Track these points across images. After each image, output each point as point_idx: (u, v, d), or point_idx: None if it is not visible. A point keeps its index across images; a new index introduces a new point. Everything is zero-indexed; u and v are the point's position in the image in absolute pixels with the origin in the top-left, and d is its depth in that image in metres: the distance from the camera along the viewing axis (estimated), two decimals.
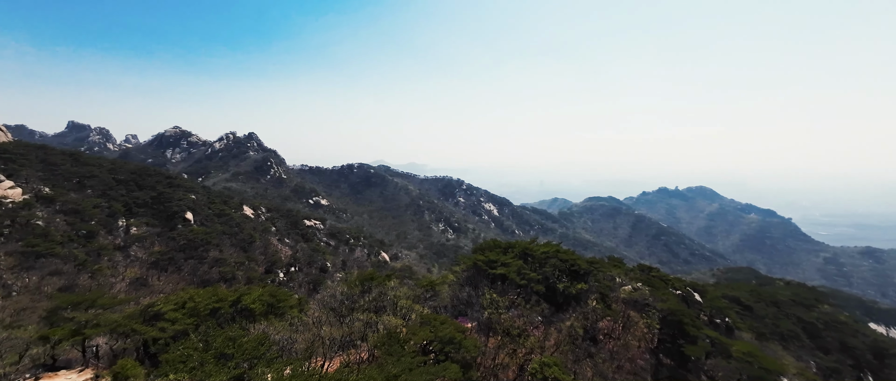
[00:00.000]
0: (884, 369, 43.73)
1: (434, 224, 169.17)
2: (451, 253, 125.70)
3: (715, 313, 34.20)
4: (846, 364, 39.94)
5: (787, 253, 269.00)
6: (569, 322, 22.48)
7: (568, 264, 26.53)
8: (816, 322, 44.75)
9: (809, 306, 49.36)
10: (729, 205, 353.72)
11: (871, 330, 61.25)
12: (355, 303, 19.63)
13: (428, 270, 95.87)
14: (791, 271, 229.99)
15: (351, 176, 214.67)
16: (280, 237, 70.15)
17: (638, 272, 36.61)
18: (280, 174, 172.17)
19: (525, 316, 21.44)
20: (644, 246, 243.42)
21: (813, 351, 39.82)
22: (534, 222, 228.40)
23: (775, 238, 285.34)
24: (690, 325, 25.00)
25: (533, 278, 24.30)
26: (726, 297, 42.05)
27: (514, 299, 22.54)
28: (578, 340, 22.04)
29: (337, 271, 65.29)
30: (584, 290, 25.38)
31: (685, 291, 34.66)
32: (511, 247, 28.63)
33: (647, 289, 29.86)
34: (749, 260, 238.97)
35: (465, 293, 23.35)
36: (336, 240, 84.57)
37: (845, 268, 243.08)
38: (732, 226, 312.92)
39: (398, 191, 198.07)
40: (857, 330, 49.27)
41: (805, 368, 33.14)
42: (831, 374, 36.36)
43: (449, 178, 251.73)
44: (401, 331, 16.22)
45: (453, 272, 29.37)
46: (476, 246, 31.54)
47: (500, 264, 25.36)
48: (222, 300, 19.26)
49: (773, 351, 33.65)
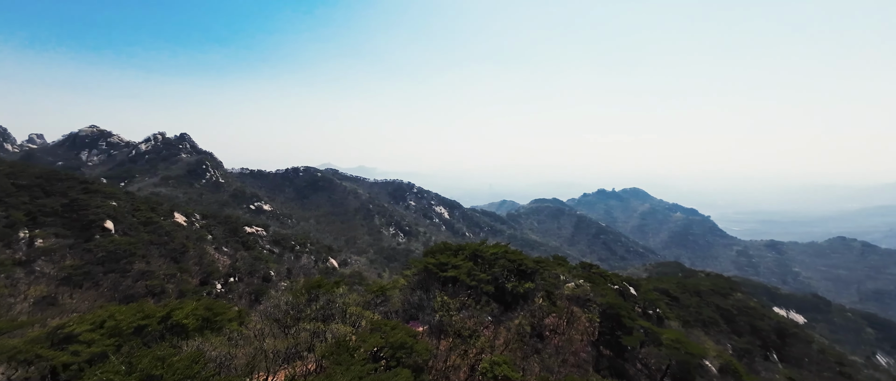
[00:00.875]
0: (785, 346, 49.92)
1: (385, 228, 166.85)
2: (402, 257, 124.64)
3: (647, 304, 37.01)
4: (756, 345, 45.06)
5: (707, 248, 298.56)
6: (517, 321, 23.21)
7: (516, 264, 27.41)
8: (731, 309, 50.02)
9: (725, 295, 55.04)
10: (658, 205, 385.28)
11: (774, 314, 69.59)
12: (301, 312, 18.81)
13: (379, 275, 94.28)
14: (710, 263, 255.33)
15: (296, 180, 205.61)
16: (217, 246, 65.41)
17: (580, 270, 38.69)
18: (217, 178, 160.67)
19: (476, 317, 21.82)
20: (585, 245, 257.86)
21: (729, 335, 44.48)
22: (484, 224, 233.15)
23: (697, 234, 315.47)
24: (627, 317, 26.86)
25: (483, 279, 24.80)
26: (657, 289, 45.65)
27: (464, 301, 22.84)
28: (526, 337, 22.81)
29: (281, 280, 62.13)
30: (531, 289, 26.34)
31: (622, 285, 37.16)
32: (462, 249, 29.01)
33: (589, 285, 31.65)
34: (676, 255, 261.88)
35: (417, 297, 23.29)
36: (280, 247, 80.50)
37: (754, 259, 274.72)
38: (661, 224, 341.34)
39: (347, 195, 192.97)
40: (764, 314, 55.75)
41: (723, 350, 36.90)
42: (744, 354, 40.82)
43: (400, 181, 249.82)
44: (350, 339, 15.81)
45: (404, 276, 29.17)
46: (427, 249, 31.60)
47: (451, 266, 25.60)
48: (149, 317, 17.56)
49: (697, 337, 37.13)
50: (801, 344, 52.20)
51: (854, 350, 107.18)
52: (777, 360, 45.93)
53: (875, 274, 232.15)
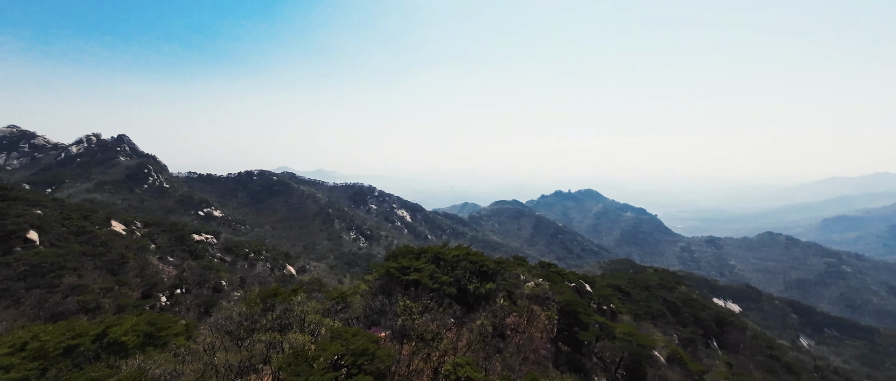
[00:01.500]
0: (723, 334, 54.09)
1: (345, 233, 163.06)
2: (363, 262, 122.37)
3: (602, 300, 38.77)
4: (698, 334, 48.51)
5: (655, 245, 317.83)
6: (479, 321, 23.50)
7: (478, 266, 27.76)
8: (677, 301, 53.52)
9: (671, 288, 58.79)
10: (611, 205, 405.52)
11: (714, 304, 75.25)
12: (256, 323, 17.93)
13: (339, 281, 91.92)
14: (658, 259, 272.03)
15: (250, 184, 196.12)
16: (161, 256, 60.92)
17: (539, 269, 39.84)
18: (161, 183, 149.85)
19: (438, 319, 21.84)
20: (544, 244, 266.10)
21: (675, 325, 47.55)
22: (446, 227, 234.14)
23: (646, 232, 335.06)
24: (583, 313, 27.99)
25: (445, 282, 24.88)
26: (611, 285, 47.95)
27: (427, 304, 22.81)
28: (488, 337, 23.14)
29: (234, 290, 58.91)
30: (492, 289, 26.77)
31: (578, 283, 38.68)
32: (424, 252, 28.97)
33: (548, 284, 32.67)
34: (627, 252, 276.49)
35: (379, 302, 22.95)
36: (233, 255, 76.36)
37: (695, 255, 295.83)
38: (614, 223, 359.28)
39: (305, 199, 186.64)
40: (705, 305, 60.13)
41: (670, 340, 39.39)
42: (688, 343, 43.81)
43: (360, 184, 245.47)
44: (309, 348, 15.29)
45: (366, 281, 28.65)
46: (389, 253, 31.26)
47: (413, 269, 25.48)
48: (82, 336, 16.03)
49: (647, 329, 39.37)
50: (736, 331, 56.79)
51: (781, 334, 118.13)
52: (717, 347, 49.71)
53: (797, 265, 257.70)
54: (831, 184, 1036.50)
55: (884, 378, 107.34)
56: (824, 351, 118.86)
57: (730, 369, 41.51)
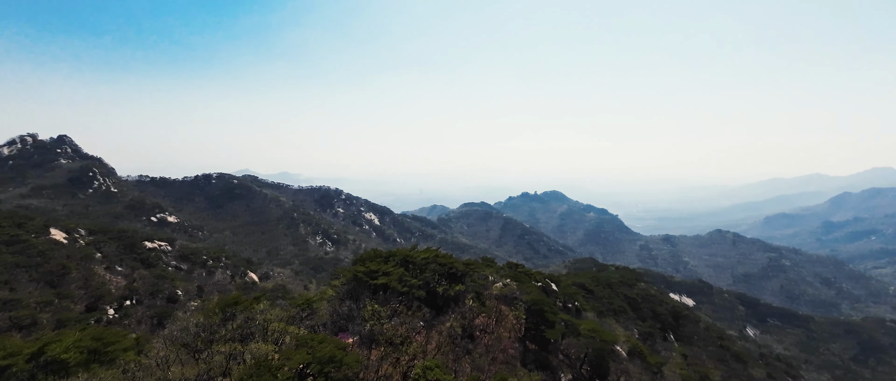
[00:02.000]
0: (679, 327, 57.03)
1: (311, 237, 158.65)
2: (330, 267, 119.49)
3: (567, 298, 39.93)
4: (656, 327, 50.89)
5: (616, 243, 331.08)
6: (449, 323, 23.56)
7: (446, 268, 27.84)
8: (636, 297, 55.96)
9: (631, 285, 61.42)
10: (575, 206, 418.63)
11: (670, 299, 79.20)
12: (215, 334, 17.08)
13: (305, 287, 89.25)
14: (619, 257, 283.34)
15: (209, 188, 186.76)
16: (109, 265, 56.80)
17: (507, 270, 40.50)
18: (108, 187, 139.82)
19: (407, 323, 21.71)
20: (512, 245, 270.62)
21: (635, 320, 49.69)
22: (415, 230, 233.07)
23: (608, 232, 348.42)
24: (549, 312, 28.70)
25: (414, 285, 24.77)
26: (575, 284, 49.48)
27: (396, 308, 22.61)
28: (458, 339, 23.24)
29: (191, 300, 55.81)
30: (461, 291, 26.92)
31: (545, 282, 39.64)
32: (392, 255, 28.72)
33: (515, 284, 33.27)
34: (590, 251, 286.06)
35: (346, 307, 22.50)
36: (190, 263, 72.38)
37: (653, 252, 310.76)
38: (578, 223, 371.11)
39: (268, 203, 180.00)
40: (662, 300, 63.20)
41: (631, 335, 41.13)
42: (647, 337, 45.88)
43: (327, 188, 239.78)
44: (272, 358, 14.76)
45: (332, 287, 28.01)
46: (356, 257, 30.73)
47: (382, 273, 25.19)
48: (14, 355, 14.66)
49: (609, 325, 40.92)
50: (691, 324, 60.07)
51: (730, 325, 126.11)
52: (674, 340, 52.40)
53: (743, 260, 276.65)
54: (772, 184, 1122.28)
55: (819, 362, 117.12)
56: (768, 340, 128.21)
57: (685, 360, 43.88)
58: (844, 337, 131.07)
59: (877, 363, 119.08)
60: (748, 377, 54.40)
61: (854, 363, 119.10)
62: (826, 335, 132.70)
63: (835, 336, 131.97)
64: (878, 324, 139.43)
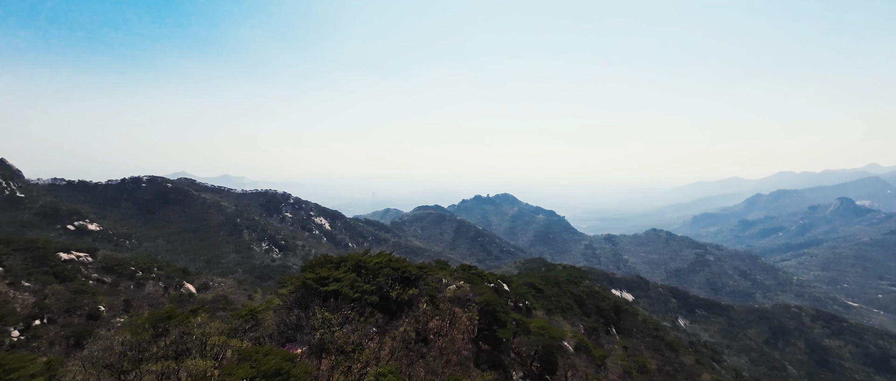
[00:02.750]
0: (620, 321, 60.77)
1: (256, 244, 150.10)
2: (277, 274, 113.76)
3: (518, 298, 41.13)
4: (600, 322, 53.88)
5: (563, 243, 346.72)
6: (402, 328, 23.35)
7: (400, 272, 27.60)
8: (582, 294, 58.89)
9: (578, 283, 64.54)
10: (525, 208, 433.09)
11: (612, 295, 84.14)
12: (145, 352, 15.62)
13: (249, 296, 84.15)
14: (566, 257, 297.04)
15: (138, 192, 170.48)
16: (13, 281, 49.96)
17: (460, 272, 40.91)
18: (12, 191, 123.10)
19: (360, 330, 21.22)
20: (465, 248, 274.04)
21: (581, 316, 52.27)
22: (367, 234, 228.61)
23: (555, 232, 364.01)
24: (501, 311, 29.39)
25: (367, 290, 24.29)
26: (526, 283, 51.09)
27: (347, 315, 22.03)
28: (411, 343, 23.09)
29: (116, 316, 50.56)
30: (415, 294, 26.80)
31: (497, 283, 40.54)
32: (344, 261, 27.97)
33: (469, 286, 33.69)
34: (539, 251, 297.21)
35: (294, 316, 21.55)
36: (115, 275, 65.59)
37: (597, 251, 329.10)
38: (528, 225, 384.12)
39: (208, 208, 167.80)
40: (605, 296, 67.02)
41: (577, 331, 43.20)
42: (592, 332, 48.44)
43: (273, 191, 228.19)
44: (212, 374, 13.78)
45: (279, 295, 26.70)
46: (306, 264, 29.59)
47: (333, 279, 24.44)
48: None
49: (558, 322, 42.69)
50: (630, 317, 64.26)
51: (664, 317, 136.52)
52: (615, 333, 55.76)
53: (675, 256, 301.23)
54: (697, 187, 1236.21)
55: (738, 347, 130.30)
56: (696, 329, 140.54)
57: (625, 351, 46.87)
58: (758, 323, 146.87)
59: (784, 345, 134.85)
60: (680, 364, 59.20)
61: (766, 346, 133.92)
62: (743, 322, 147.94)
63: (751, 323, 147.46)
64: (785, 310, 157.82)
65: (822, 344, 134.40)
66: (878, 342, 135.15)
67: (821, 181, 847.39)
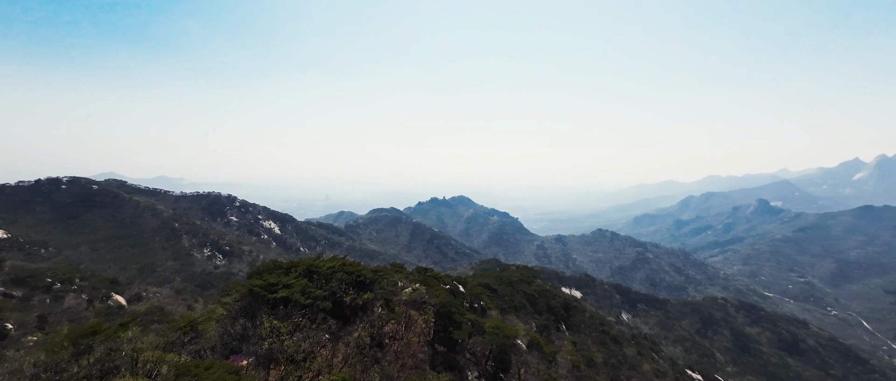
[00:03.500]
0: (569, 317, 63.50)
1: (196, 250, 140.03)
2: (221, 282, 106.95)
3: (473, 298, 41.72)
4: (551, 320, 56.00)
5: (516, 244, 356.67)
6: (356, 333, 22.86)
7: (354, 276, 27.01)
8: (534, 293, 60.91)
9: (530, 282, 66.66)
10: (480, 210, 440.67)
11: (562, 293, 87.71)
12: (63, 373, 14.05)
13: (189, 307, 78.18)
14: (519, 257, 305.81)
15: (56, 195, 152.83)
16: None
17: (416, 274, 40.80)
18: None
19: (311, 337, 20.49)
20: (421, 250, 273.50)
21: (533, 315, 54.04)
22: (320, 238, 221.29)
23: (509, 234, 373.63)
24: (457, 312, 29.67)
25: (319, 296, 23.52)
26: (481, 284, 51.97)
27: (298, 322, 21.20)
28: (366, 349, 22.67)
29: (28, 334, 44.88)
30: (370, 299, 26.35)
31: (452, 285, 40.87)
32: (294, 266, 26.89)
33: (424, 288, 33.68)
34: (494, 252, 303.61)
35: (240, 326, 20.37)
36: (26, 287, 58.29)
37: (548, 251, 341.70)
38: (483, 227, 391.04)
39: (141, 212, 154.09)
40: (556, 294, 69.77)
41: (529, 329, 44.61)
42: (544, 329, 50.22)
43: (217, 194, 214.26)
44: None
45: (223, 304, 25.13)
46: (253, 270, 28.10)
47: (282, 285, 23.41)
48: None
49: (511, 321, 43.83)
50: (579, 314, 67.36)
51: (609, 312, 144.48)
52: (565, 329, 58.22)
53: (618, 255, 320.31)
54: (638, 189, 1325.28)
55: (674, 337, 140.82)
56: (638, 322, 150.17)
57: (574, 346, 49.05)
58: (691, 315, 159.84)
59: (713, 334, 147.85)
60: (623, 356, 62.95)
61: (698, 335, 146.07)
62: (678, 314, 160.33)
63: (684, 315, 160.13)
64: (713, 302, 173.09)
65: (744, 332, 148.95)
66: (789, 328, 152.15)
67: (743, 184, 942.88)
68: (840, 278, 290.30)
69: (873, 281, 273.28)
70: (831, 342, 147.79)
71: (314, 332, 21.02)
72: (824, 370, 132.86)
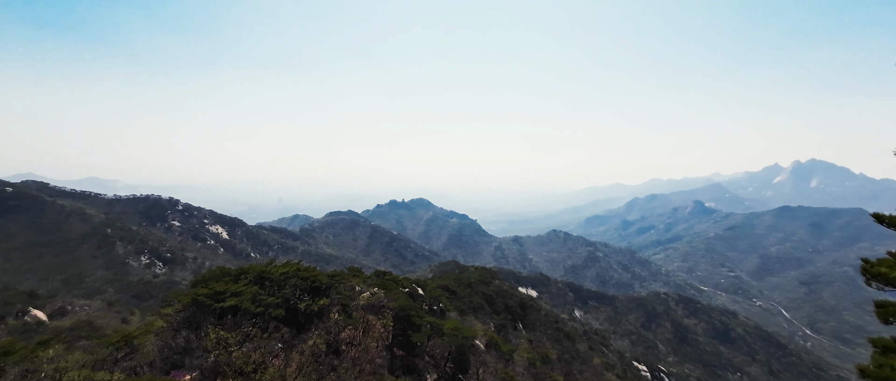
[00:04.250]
0: (526, 316, 65.27)
1: (133, 258, 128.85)
2: (161, 292, 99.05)
3: (433, 301, 41.76)
4: (509, 319, 57.27)
5: (475, 246, 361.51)
6: (311, 341, 22.12)
7: (309, 282, 26.15)
8: (492, 293, 62.01)
9: (488, 283, 67.81)
10: (439, 212, 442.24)
11: (519, 292, 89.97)
12: None
13: (123, 320, 71.74)
14: (477, 258, 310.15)
15: None
16: None
17: (375, 278, 40.19)
18: None
19: (263, 347, 19.55)
20: (380, 253, 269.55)
21: (491, 315, 54.99)
22: (273, 242, 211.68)
23: (468, 235, 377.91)
24: (416, 316, 29.56)
25: (271, 303, 22.50)
26: (440, 286, 52.12)
27: (248, 332, 20.15)
28: (322, 356, 21.98)
29: None
30: (326, 304, 25.60)
31: (411, 287, 40.68)
32: (244, 273, 25.56)
33: (383, 292, 33.25)
34: (453, 254, 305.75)
35: (182, 339, 19.01)
36: None
37: (505, 252, 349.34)
38: (442, 229, 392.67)
39: (67, 216, 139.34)
40: (513, 294, 71.44)
41: (488, 329, 45.34)
42: (501, 329, 51.24)
43: (157, 197, 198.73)
44: None
45: (163, 316, 23.35)
46: (197, 278, 26.35)
47: (231, 293, 22.14)
48: None
49: (470, 321, 44.33)
50: (534, 312, 69.38)
51: (563, 310, 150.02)
52: (522, 328, 59.77)
53: (571, 254, 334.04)
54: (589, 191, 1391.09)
55: (621, 332, 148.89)
56: (589, 318, 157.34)
57: (530, 344, 50.49)
58: (636, 310, 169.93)
59: (656, 327, 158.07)
60: (576, 351, 65.67)
61: (643, 329, 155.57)
62: (625, 310, 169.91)
63: (630, 310, 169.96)
64: (656, 297, 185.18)
65: (683, 324, 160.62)
66: (721, 319, 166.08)
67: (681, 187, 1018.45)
68: (763, 271, 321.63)
69: (790, 274, 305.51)
70: (757, 331, 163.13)
71: (266, 341, 20.07)
72: (751, 355, 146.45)
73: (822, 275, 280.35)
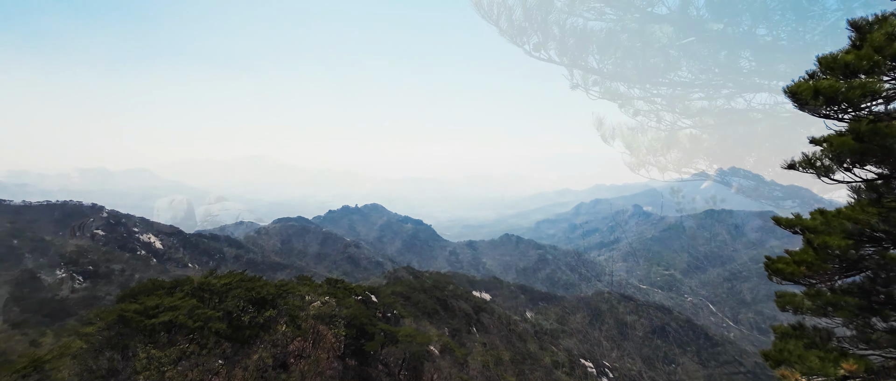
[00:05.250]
0: (480, 320, 66.28)
1: (46, 271, 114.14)
2: (80, 309, 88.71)
3: (387, 308, 41.17)
4: (463, 323, 57.84)
5: (430, 251, 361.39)
6: (256, 355, 20.98)
7: (254, 293, 24.82)
8: (447, 298, 62.36)
9: (443, 288, 68.11)
10: (394, 217, 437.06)
11: (473, 296, 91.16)
12: None
13: (33, 342, 63.41)
14: (432, 264, 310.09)
15: None
16: None
17: (326, 286, 38.89)
18: None
19: (201, 365, 18.24)
20: (332, 261, 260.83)
21: (446, 320, 55.23)
22: (214, 252, 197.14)
23: (422, 241, 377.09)
24: (369, 324, 29.02)
25: (211, 317, 21.08)
26: (394, 293, 51.55)
27: (184, 349, 18.71)
28: (268, 371, 20.93)
29: None
30: (272, 316, 24.43)
31: (365, 295, 39.86)
32: (180, 285, 23.75)
33: (335, 301, 32.27)
34: (408, 260, 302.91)
35: (106, 360, 17.27)
36: None
37: (459, 257, 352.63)
38: (396, 234, 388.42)
39: None
40: (467, 298, 72.28)
41: (442, 334, 45.46)
42: (456, 333, 51.61)
43: (76, 203, 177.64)
44: None
45: (83, 336, 21.01)
46: (125, 292, 24.05)
47: (165, 308, 20.46)
48: None
49: (425, 328, 44.22)
50: (488, 315, 70.59)
51: (515, 311, 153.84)
52: (476, 332, 60.56)
53: (523, 257, 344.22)
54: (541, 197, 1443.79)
55: (569, 330, 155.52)
56: (539, 319, 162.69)
57: (484, 347, 51.32)
58: (583, 308, 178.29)
59: (600, 324, 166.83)
60: (527, 351, 67.62)
61: (589, 326, 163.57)
62: (572, 309, 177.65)
63: (577, 309, 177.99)
64: (600, 296, 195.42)
65: (624, 321, 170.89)
66: (657, 314, 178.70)
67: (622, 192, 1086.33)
68: (693, 269, 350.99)
69: (715, 271, 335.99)
70: (688, 324, 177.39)
71: (205, 358, 18.76)
72: (683, 347, 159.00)
73: (741, 271, 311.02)
